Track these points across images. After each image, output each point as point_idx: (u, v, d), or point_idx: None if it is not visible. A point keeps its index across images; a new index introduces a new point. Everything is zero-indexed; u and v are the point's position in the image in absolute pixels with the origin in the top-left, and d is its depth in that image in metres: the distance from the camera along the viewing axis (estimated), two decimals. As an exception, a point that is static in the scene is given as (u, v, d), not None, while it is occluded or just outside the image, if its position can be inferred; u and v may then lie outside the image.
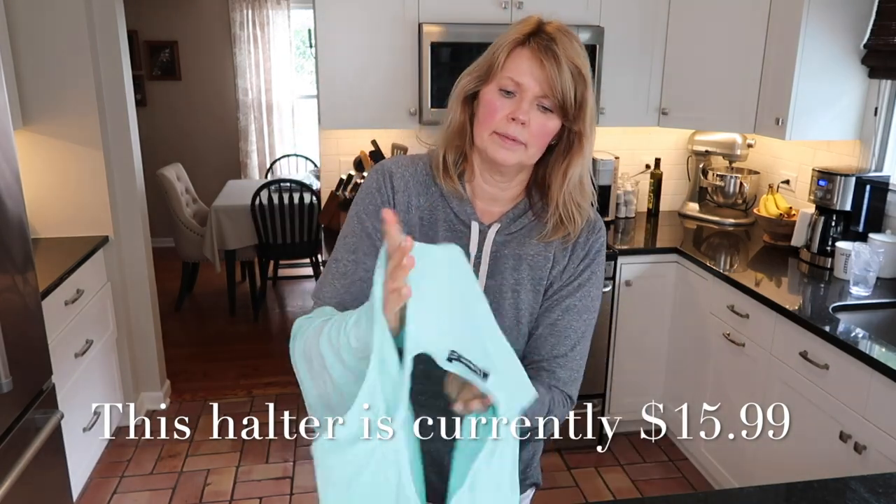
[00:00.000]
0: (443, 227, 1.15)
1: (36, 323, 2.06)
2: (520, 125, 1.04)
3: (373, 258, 1.07)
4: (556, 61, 1.02)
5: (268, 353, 4.13)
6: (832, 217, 2.61)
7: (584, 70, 1.05)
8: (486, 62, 1.09)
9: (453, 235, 1.14)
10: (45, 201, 2.91)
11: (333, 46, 2.81)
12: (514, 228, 1.16)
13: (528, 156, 1.08)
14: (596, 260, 1.18)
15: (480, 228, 1.15)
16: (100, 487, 2.81)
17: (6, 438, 1.84)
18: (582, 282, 1.16)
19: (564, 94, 1.03)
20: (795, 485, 1.27)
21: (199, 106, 5.98)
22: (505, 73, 1.05)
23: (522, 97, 1.04)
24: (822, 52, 2.60)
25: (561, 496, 2.78)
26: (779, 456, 2.32)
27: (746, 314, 2.46)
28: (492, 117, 1.06)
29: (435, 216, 1.16)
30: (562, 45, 1.03)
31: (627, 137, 3.46)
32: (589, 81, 1.06)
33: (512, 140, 1.05)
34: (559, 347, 1.13)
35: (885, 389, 1.84)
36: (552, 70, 1.02)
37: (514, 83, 1.05)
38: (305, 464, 2.98)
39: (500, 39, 1.09)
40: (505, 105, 1.05)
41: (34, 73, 2.76)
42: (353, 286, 1.12)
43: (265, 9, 5.74)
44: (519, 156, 1.07)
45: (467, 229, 1.15)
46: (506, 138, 1.06)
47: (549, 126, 1.07)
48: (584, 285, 1.16)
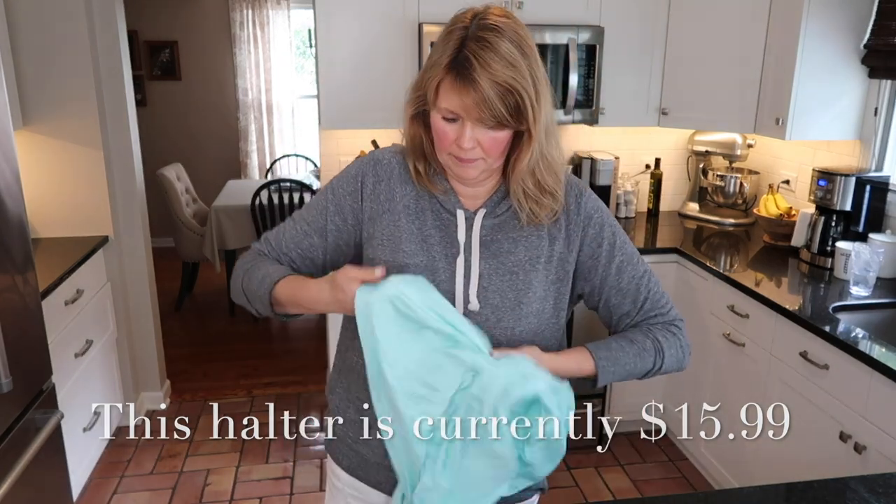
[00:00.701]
0: (430, 217, 1.19)
1: (36, 323, 2.06)
2: (471, 147, 1.08)
3: (321, 237, 1.23)
4: (476, 88, 1.02)
5: (268, 353, 4.13)
6: (832, 217, 2.61)
7: (512, 80, 1.02)
8: (421, 89, 1.12)
9: (441, 223, 1.19)
10: (45, 201, 2.91)
11: (333, 46, 2.81)
12: (501, 211, 1.19)
13: (488, 164, 1.12)
14: (603, 216, 1.22)
15: (466, 216, 1.19)
16: (100, 487, 2.81)
17: (6, 438, 1.84)
18: (609, 239, 1.22)
19: (495, 112, 1.03)
20: (795, 485, 1.27)
21: (199, 106, 5.98)
22: (440, 103, 1.07)
23: (463, 124, 1.07)
24: (822, 52, 2.60)
25: (561, 496, 2.78)
26: (779, 456, 2.32)
27: (746, 314, 2.46)
28: (444, 142, 1.10)
29: (421, 205, 1.20)
30: (480, 65, 1.01)
31: (627, 137, 3.46)
32: (520, 84, 1.03)
33: (468, 161, 1.10)
34: (638, 300, 1.23)
35: (885, 389, 1.84)
36: (476, 97, 1.02)
37: (451, 112, 1.07)
38: (305, 464, 2.98)
39: (429, 62, 1.10)
40: (452, 130, 1.09)
41: (34, 73, 2.76)
42: (295, 249, 1.25)
43: (265, 9, 5.74)
44: (480, 168, 1.12)
45: (454, 217, 1.19)
46: (462, 160, 1.10)
47: (498, 137, 1.08)
48: (615, 241, 1.22)
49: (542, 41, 2.86)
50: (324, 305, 1.14)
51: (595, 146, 3.43)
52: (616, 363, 1.17)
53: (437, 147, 1.13)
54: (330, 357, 2.85)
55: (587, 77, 2.95)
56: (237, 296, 1.26)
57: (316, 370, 3.85)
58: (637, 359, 1.19)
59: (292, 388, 3.66)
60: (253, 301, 1.22)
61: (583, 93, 2.96)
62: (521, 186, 1.15)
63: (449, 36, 1.07)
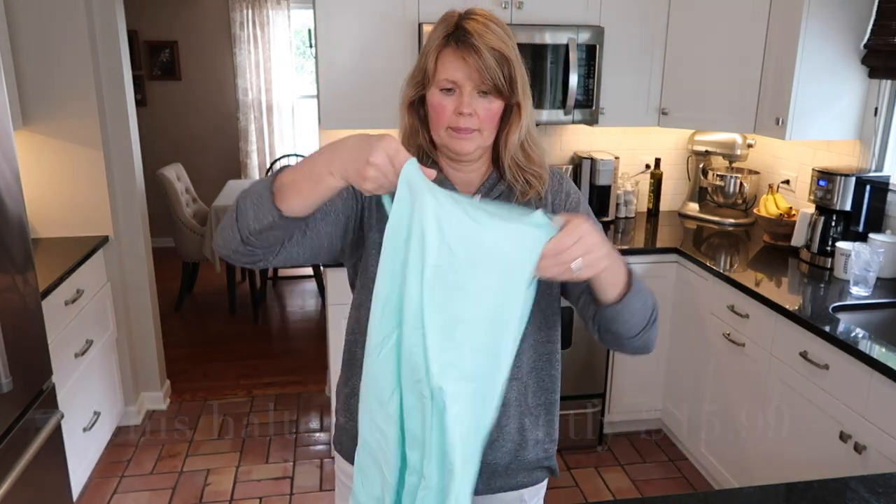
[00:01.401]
0: None
1: (36, 323, 2.06)
2: (468, 116, 1.16)
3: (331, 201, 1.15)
4: (477, 53, 1.13)
5: (268, 353, 4.13)
6: (832, 217, 2.61)
7: (506, 51, 1.15)
8: (420, 70, 1.21)
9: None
10: (45, 201, 2.91)
11: (333, 46, 2.81)
12: (495, 195, 1.27)
13: (483, 139, 1.20)
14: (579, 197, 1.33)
15: None
16: (100, 487, 2.81)
17: (6, 438, 1.84)
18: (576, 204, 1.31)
19: (494, 78, 1.14)
20: (795, 485, 1.27)
21: (199, 106, 5.98)
22: (439, 75, 1.16)
23: (462, 92, 1.16)
24: (822, 52, 2.60)
25: (561, 496, 2.78)
26: (779, 456, 2.33)
27: (746, 314, 2.46)
28: (442, 116, 1.18)
29: None
30: (478, 35, 1.13)
31: (627, 137, 3.46)
32: (513, 58, 1.16)
33: (466, 131, 1.17)
34: None
35: (885, 389, 1.84)
36: (476, 62, 1.13)
37: (449, 82, 1.16)
38: (305, 464, 2.98)
39: (427, 45, 1.20)
40: (449, 102, 1.17)
41: (34, 73, 2.76)
42: None
43: (265, 9, 5.74)
44: (476, 142, 1.19)
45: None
46: (460, 130, 1.17)
47: (493, 108, 1.18)
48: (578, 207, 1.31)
49: (542, 41, 2.86)
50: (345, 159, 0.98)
51: (595, 146, 3.43)
52: (641, 284, 1.16)
53: (435, 124, 1.20)
54: (330, 357, 2.86)
55: (587, 77, 2.95)
56: (224, 232, 1.10)
57: (316, 370, 3.85)
58: (648, 295, 1.18)
59: (292, 388, 3.66)
60: (247, 211, 1.05)
61: (583, 93, 2.96)
62: (514, 160, 1.24)
63: (442, 22, 1.18)
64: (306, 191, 1.02)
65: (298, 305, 5.01)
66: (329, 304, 2.75)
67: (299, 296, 5.18)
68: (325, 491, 2.80)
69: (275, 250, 1.12)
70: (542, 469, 1.35)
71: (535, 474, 1.33)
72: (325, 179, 1.00)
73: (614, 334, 1.18)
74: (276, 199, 1.03)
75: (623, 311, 1.13)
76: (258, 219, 1.05)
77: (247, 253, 1.10)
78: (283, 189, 1.03)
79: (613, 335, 1.18)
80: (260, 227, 1.05)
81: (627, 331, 1.16)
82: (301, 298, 5.12)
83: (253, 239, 1.07)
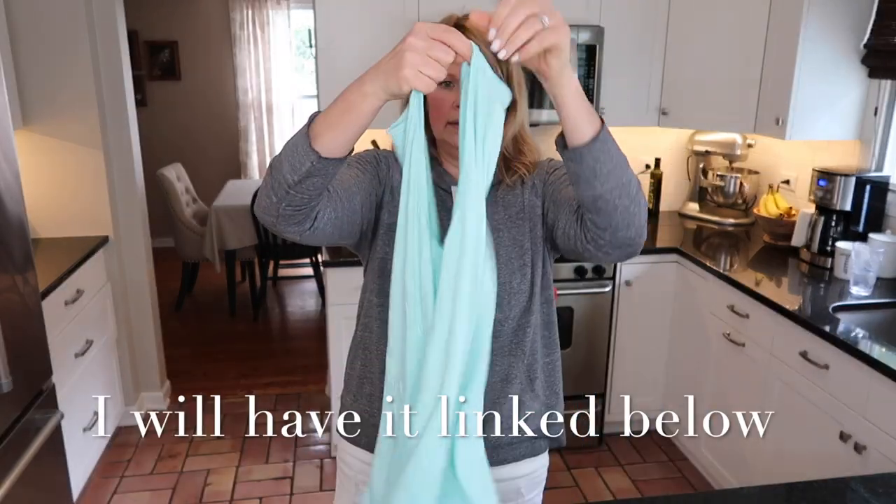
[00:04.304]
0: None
1: (36, 323, 2.06)
2: None
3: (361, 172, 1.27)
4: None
5: (268, 353, 4.13)
6: (832, 217, 2.61)
7: None
8: None
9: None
10: (45, 201, 2.91)
11: (333, 46, 2.81)
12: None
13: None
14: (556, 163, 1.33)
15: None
16: (100, 487, 2.81)
17: (6, 438, 1.84)
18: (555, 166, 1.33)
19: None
20: (795, 485, 1.27)
21: (199, 106, 5.98)
22: None
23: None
24: (821, 52, 2.60)
25: (561, 496, 2.78)
26: (779, 456, 2.33)
27: (746, 314, 2.46)
28: (441, 109, 1.18)
29: None
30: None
31: (627, 137, 3.44)
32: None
33: None
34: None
35: (885, 389, 1.84)
36: None
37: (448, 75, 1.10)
38: (305, 464, 2.98)
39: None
40: (448, 96, 1.17)
41: (34, 73, 2.76)
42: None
43: (265, 9, 5.74)
44: None
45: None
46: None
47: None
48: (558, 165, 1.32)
49: (542, 41, 2.86)
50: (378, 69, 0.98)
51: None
52: (614, 140, 1.06)
53: (434, 119, 1.20)
54: (330, 357, 2.86)
55: (587, 77, 2.95)
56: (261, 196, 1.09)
57: (316, 370, 3.85)
58: (625, 157, 1.07)
59: (292, 388, 3.66)
60: (282, 165, 1.04)
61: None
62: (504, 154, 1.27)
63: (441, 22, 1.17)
64: (341, 122, 1.00)
65: (298, 305, 5.01)
66: (329, 304, 2.75)
67: (299, 296, 5.18)
68: (325, 491, 2.80)
69: (314, 212, 1.09)
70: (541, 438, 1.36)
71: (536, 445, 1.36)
72: (359, 103, 0.99)
73: (600, 208, 1.06)
74: (313, 142, 1.01)
75: (602, 155, 1.02)
76: (295, 168, 1.02)
77: (287, 215, 1.07)
78: (319, 131, 1.02)
79: (599, 211, 1.07)
80: (298, 177, 1.02)
81: (611, 190, 1.04)
82: (301, 298, 5.12)
83: (292, 193, 1.04)
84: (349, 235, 1.23)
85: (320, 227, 1.12)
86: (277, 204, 1.06)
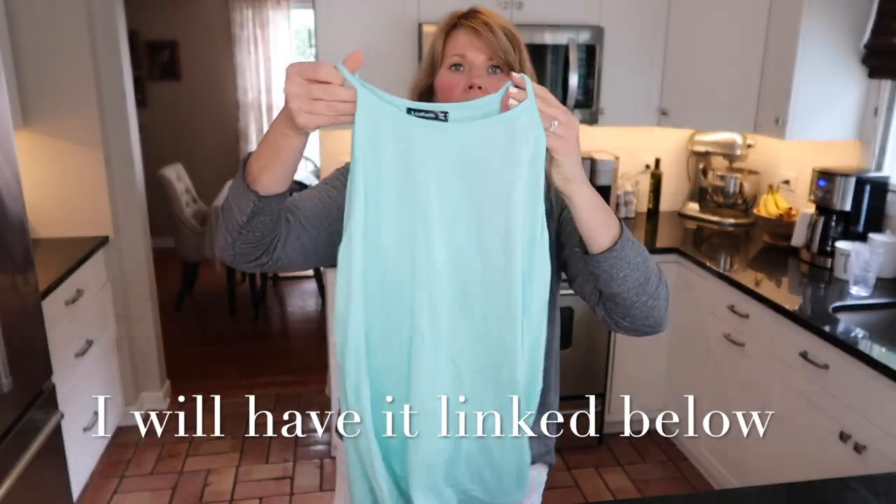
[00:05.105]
0: None
1: (36, 323, 2.06)
2: (477, 90, 1.12)
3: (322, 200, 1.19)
4: (490, 28, 1.13)
5: (268, 353, 4.13)
6: (832, 217, 2.61)
7: (514, 30, 1.16)
8: (429, 57, 1.20)
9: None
10: (45, 201, 2.91)
11: (333, 46, 2.81)
12: None
13: None
14: None
15: None
16: (100, 487, 2.81)
17: (6, 438, 1.84)
18: None
19: (506, 52, 1.13)
20: (795, 485, 1.27)
21: (199, 106, 5.98)
22: (448, 53, 1.16)
23: (472, 66, 1.14)
24: (821, 52, 2.60)
25: (561, 496, 2.78)
26: (779, 456, 2.33)
27: (746, 314, 2.46)
28: (452, 92, 1.16)
29: None
30: (489, 16, 1.15)
31: (627, 137, 3.46)
32: (522, 45, 1.17)
33: None
34: None
35: (885, 389, 1.84)
36: (489, 36, 1.13)
37: (459, 57, 1.15)
38: (305, 464, 2.98)
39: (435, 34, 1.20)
40: (459, 78, 1.16)
41: (34, 73, 2.76)
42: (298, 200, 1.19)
43: (265, 9, 5.74)
44: None
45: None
46: None
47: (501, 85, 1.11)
48: None
49: (542, 41, 2.86)
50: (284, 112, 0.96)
51: (595, 146, 3.43)
52: (634, 241, 1.08)
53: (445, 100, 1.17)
54: (330, 357, 2.85)
55: (587, 77, 2.95)
56: (218, 238, 1.12)
57: (316, 370, 3.85)
58: (644, 249, 1.09)
59: (292, 388, 3.66)
60: (231, 209, 1.06)
61: (583, 93, 2.96)
62: None
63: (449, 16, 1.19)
64: (274, 162, 1.01)
65: (298, 305, 5.01)
66: (329, 304, 2.75)
67: (299, 296, 5.18)
68: (325, 491, 2.80)
69: (271, 245, 1.10)
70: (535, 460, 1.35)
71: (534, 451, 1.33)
72: (283, 144, 0.99)
73: (618, 303, 1.08)
74: (250, 183, 1.03)
75: (619, 262, 1.04)
76: (241, 210, 1.04)
77: (243, 252, 1.10)
78: (254, 173, 1.03)
79: (617, 304, 1.09)
80: (245, 218, 1.05)
81: (628, 290, 1.06)
82: (301, 298, 5.12)
83: (244, 233, 1.06)
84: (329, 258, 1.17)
85: (283, 257, 1.13)
86: (233, 243, 1.09)
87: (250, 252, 1.10)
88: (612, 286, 1.06)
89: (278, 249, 1.12)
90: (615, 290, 1.06)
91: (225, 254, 1.11)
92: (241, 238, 1.07)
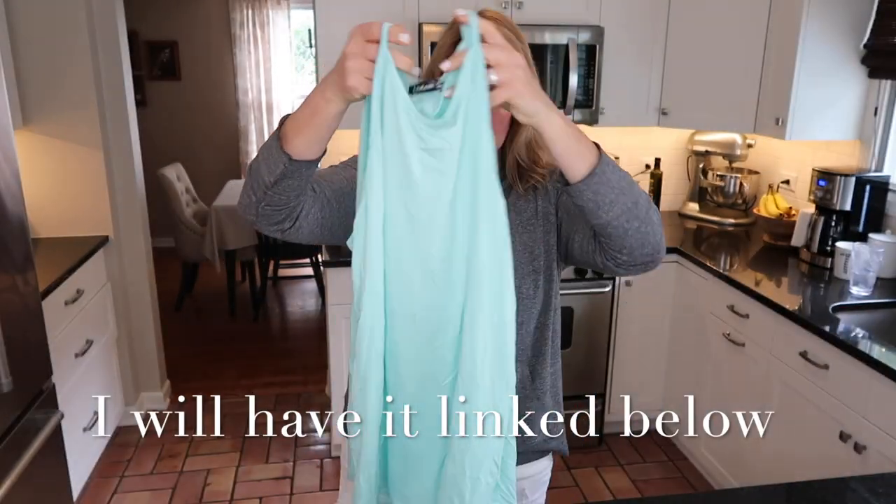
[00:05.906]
0: None
1: (36, 323, 2.06)
2: None
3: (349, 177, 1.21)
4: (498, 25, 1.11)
5: (268, 353, 4.13)
6: (832, 217, 2.61)
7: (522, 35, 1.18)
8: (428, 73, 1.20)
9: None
10: (45, 201, 2.91)
11: (333, 46, 2.80)
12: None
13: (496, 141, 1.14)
14: None
15: None
16: (100, 487, 2.81)
17: (6, 438, 1.84)
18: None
19: None
20: (795, 485, 1.27)
21: (199, 106, 5.98)
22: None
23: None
24: (821, 51, 2.60)
25: (561, 496, 2.78)
26: (779, 456, 2.33)
27: (746, 314, 2.46)
28: None
29: None
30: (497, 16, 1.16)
31: (627, 137, 3.46)
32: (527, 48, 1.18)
33: None
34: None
35: (885, 389, 1.84)
36: None
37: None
38: (305, 464, 2.98)
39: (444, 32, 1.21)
40: None
41: (34, 73, 2.76)
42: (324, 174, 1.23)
43: (265, 9, 5.74)
44: None
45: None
46: None
47: (501, 112, 1.11)
48: None
49: (542, 41, 2.86)
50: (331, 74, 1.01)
51: (595, 146, 3.43)
52: (615, 165, 1.06)
53: None
54: (330, 357, 2.86)
55: (587, 77, 2.95)
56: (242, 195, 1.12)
57: (316, 370, 3.85)
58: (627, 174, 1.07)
59: (292, 388, 3.66)
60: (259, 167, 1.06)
61: (583, 93, 2.96)
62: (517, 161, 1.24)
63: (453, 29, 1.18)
64: (309, 125, 1.01)
65: (298, 305, 5.01)
66: (329, 304, 2.75)
67: (299, 296, 5.18)
68: (325, 491, 2.80)
69: (295, 211, 1.10)
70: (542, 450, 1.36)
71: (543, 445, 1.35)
72: (323, 108, 0.99)
73: (611, 234, 1.06)
74: (284, 144, 1.03)
75: (602, 187, 1.01)
76: (271, 170, 1.04)
77: (266, 214, 1.09)
78: (289, 134, 1.02)
79: (611, 238, 1.07)
80: (273, 179, 1.04)
81: (618, 217, 1.03)
82: (301, 298, 5.12)
83: (270, 194, 1.06)
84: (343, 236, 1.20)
85: (305, 227, 1.13)
86: (257, 203, 1.08)
87: (273, 215, 1.09)
88: (600, 216, 1.03)
89: (301, 218, 1.12)
90: (605, 220, 1.03)
91: (248, 212, 1.11)
92: (265, 199, 1.06)
